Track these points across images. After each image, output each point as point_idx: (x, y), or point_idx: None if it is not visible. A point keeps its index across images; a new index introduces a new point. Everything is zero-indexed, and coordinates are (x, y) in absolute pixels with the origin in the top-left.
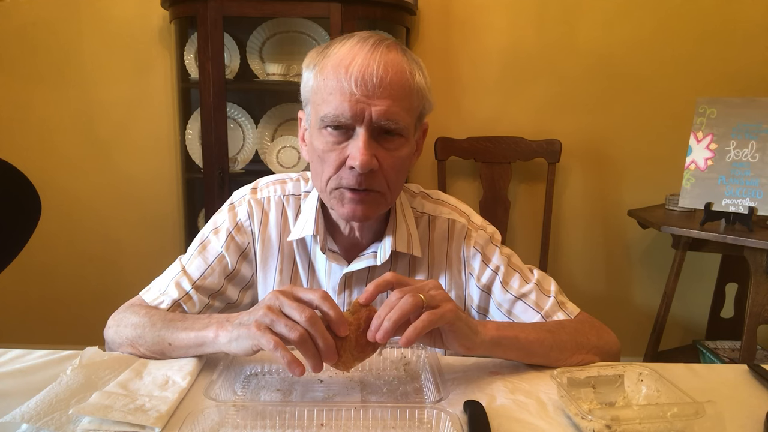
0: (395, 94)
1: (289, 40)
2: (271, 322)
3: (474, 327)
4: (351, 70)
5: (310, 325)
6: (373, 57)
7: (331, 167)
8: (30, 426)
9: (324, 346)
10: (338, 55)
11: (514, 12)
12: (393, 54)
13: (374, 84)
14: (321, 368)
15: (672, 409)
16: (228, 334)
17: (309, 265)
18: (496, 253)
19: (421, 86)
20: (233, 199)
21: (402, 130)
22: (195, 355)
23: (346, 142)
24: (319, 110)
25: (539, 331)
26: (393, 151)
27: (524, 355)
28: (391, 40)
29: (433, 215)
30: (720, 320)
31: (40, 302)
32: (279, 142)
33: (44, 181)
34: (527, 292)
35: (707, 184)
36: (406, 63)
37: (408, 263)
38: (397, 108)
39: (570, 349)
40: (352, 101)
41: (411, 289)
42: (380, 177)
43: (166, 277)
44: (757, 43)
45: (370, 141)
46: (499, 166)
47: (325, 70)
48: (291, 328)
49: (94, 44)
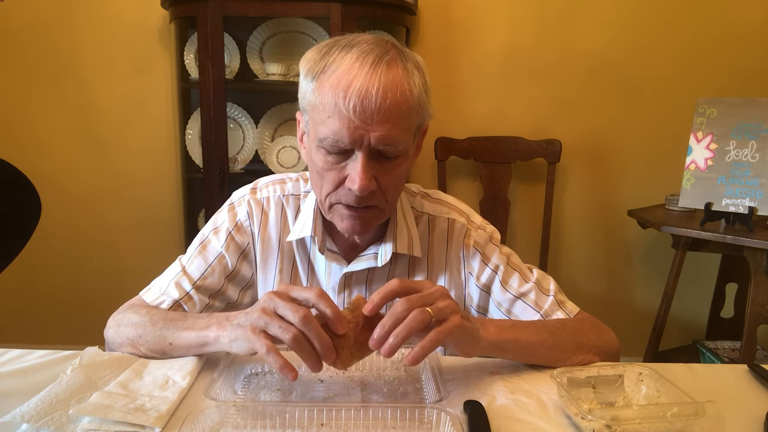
0: (394, 118)
1: (289, 40)
2: (265, 325)
3: (476, 334)
4: (350, 95)
5: (304, 325)
6: (372, 80)
7: (330, 185)
8: (30, 426)
9: (320, 346)
10: (337, 74)
11: (514, 12)
12: (393, 72)
13: (373, 110)
14: (320, 368)
15: (672, 409)
16: (228, 335)
17: (309, 265)
18: (495, 253)
19: (421, 99)
20: (233, 200)
21: (400, 152)
22: (196, 354)
23: (345, 162)
24: (317, 130)
25: (540, 331)
26: (392, 170)
27: (525, 357)
28: (392, 52)
29: (433, 215)
30: (720, 320)
31: (40, 302)
32: (279, 142)
33: (44, 181)
34: (527, 292)
35: (707, 184)
36: (407, 79)
37: (407, 263)
38: (396, 131)
39: (571, 349)
40: (350, 128)
41: (418, 300)
42: (379, 195)
43: (166, 277)
44: (757, 43)
45: (369, 164)
46: (499, 166)
47: (323, 88)
48: (285, 329)
49: (94, 44)
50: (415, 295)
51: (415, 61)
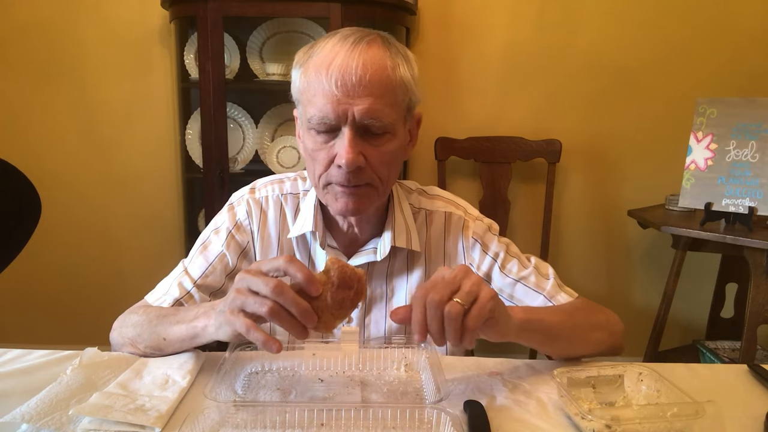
0: (376, 91)
1: (289, 40)
2: (242, 304)
3: (507, 310)
4: (331, 71)
5: (278, 294)
6: (352, 56)
7: (321, 165)
8: (30, 426)
9: (298, 312)
10: (320, 56)
11: (514, 12)
12: (374, 50)
13: (353, 83)
14: (306, 335)
15: (672, 409)
16: (213, 322)
17: (309, 262)
18: (494, 241)
19: (406, 79)
20: (232, 200)
21: (387, 127)
22: (190, 347)
23: (333, 141)
24: (306, 111)
25: (558, 313)
26: (380, 147)
27: (549, 339)
28: (375, 35)
29: (430, 210)
30: (720, 320)
31: (40, 302)
32: (279, 142)
33: (44, 181)
34: (526, 275)
35: (707, 184)
36: (389, 57)
37: (406, 257)
38: (380, 105)
39: (587, 329)
40: (333, 102)
41: (445, 290)
42: (369, 172)
43: (169, 278)
44: (757, 43)
45: (356, 139)
46: (499, 166)
47: (308, 71)
48: (260, 303)
49: (94, 44)
50: (441, 283)
51: (402, 52)
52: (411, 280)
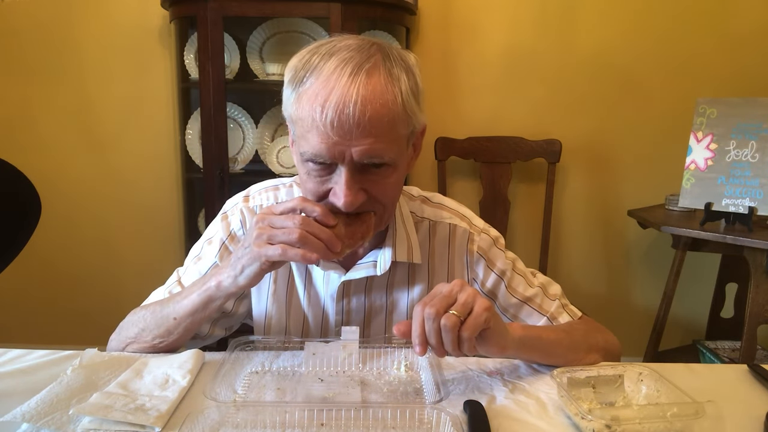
0: (376, 131)
1: (289, 40)
2: (269, 238)
3: (503, 323)
4: (326, 110)
5: (306, 225)
6: (349, 92)
7: (317, 196)
8: (30, 425)
9: (326, 237)
10: (314, 87)
11: (514, 12)
12: (374, 81)
13: (351, 125)
14: (331, 256)
15: (672, 409)
16: (230, 272)
17: (306, 273)
18: (501, 258)
19: (409, 107)
20: (226, 209)
21: (388, 162)
22: (203, 318)
23: (329, 176)
24: (299, 143)
25: (557, 331)
26: (381, 180)
27: (546, 356)
28: (375, 59)
29: (434, 220)
30: (720, 320)
31: (40, 302)
32: (279, 142)
33: (44, 181)
34: (532, 296)
35: (707, 184)
36: (390, 87)
37: (407, 271)
38: (381, 144)
39: (584, 350)
40: (329, 144)
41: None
42: (372, 202)
43: (163, 287)
44: (757, 43)
45: (354, 177)
46: (499, 166)
47: (301, 101)
48: (289, 232)
49: (94, 44)
50: (438, 296)
51: (404, 64)
52: (413, 293)
